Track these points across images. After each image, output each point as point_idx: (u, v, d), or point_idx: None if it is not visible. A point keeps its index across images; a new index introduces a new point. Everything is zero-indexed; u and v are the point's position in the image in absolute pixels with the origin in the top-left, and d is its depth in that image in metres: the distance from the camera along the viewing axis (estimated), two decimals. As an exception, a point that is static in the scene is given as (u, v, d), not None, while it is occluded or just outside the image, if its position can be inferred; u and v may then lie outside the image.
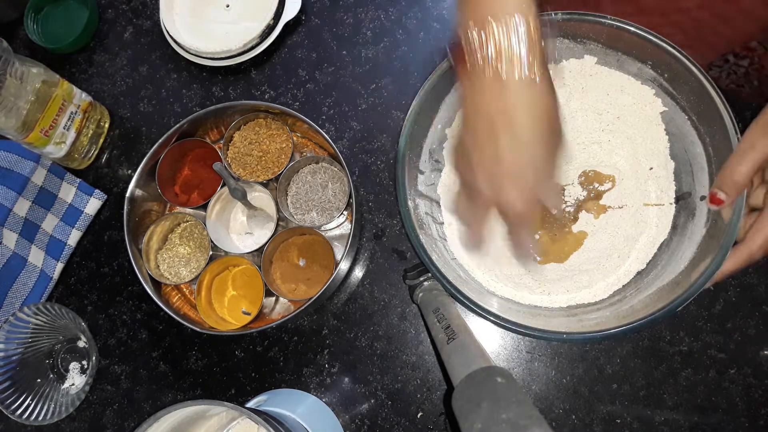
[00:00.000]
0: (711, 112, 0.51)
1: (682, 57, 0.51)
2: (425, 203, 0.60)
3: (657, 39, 0.52)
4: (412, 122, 0.56)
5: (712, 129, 0.52)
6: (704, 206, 0.53)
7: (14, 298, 0.79)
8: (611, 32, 0.54)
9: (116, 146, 0.84)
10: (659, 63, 0.54)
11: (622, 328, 0.49)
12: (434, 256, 0.54)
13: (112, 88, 0.85)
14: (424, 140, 0.60)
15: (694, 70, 0.51)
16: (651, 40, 0.52)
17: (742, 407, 0.65)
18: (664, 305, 0.49)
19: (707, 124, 0.52)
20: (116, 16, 0.88)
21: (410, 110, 0.56)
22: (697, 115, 0.54)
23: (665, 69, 0.54)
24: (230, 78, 0.82)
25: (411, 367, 0.70)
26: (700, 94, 0.52)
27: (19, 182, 0.79)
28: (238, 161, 0.75)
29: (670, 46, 0.52)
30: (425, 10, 0.80)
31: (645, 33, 0.52)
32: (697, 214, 0.54)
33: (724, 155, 0.49)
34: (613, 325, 0.50)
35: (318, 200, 0.74)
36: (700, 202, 0.54)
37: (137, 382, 0.75)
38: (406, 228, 0.54)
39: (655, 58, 0.54)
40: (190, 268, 0.74)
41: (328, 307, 0.73)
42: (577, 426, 0.66)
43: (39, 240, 0.80)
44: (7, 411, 0.70)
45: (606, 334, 0.49)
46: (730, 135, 0.49)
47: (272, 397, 0.69)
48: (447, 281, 0.52)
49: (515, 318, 0.51)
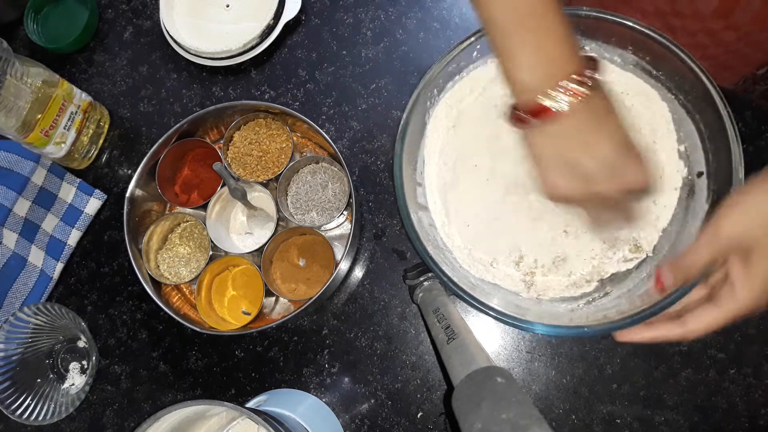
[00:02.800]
0: (697, 89, 0.52)
1: (660, 38, 0.52)
2: (427, 214, 0.60)
3: (635, 24, 0.53)
4: (400, 149, 0.56)
5: (701, 105, 0.52)
6: (703, 183, 0.53)
7: (14, 298, 0.79)
8: (589, 23, 0.55)
9: (116, 146, 0.84)
10: (640, 47, 0.55)
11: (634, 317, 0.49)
12: (446, 267, 0.54)
13: (112, 88, 0.85)
14: (418, 153, 0.61)
15: (674, 49, 0.52)
16: (629, 25, 0.53)
17: (742, 407, 0.65)
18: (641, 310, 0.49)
19: (695, 102, 0.53)
20: (116, 16, 0.88)
21: (398, 135, 0.56)
22: (684, 94, 0.55)
23: (646, 52, 0.56)
24: (230, 78, 0.82)
25: (411, 367, 0.70)
26: (683, 73, 0.53)
27: (19, 182, 0.79)
28: (238, 161, 0.75)
29: (648, 29, 0.53)
30: (425, 10, 0.80)
31: (623, 20, 0.53)
32: (697, 191, 0.54)
33: (715, 130, 0.50)
34: (622, 315, 0.50)
35: (318, 200, 0.74)
36: (698, 179, 0.54)
37: (137, 382, 0.75)
38: (412, 240, 0.54)
39: (636, 44, 0.56)
40: (190, 268, 0.74)
41: (328, 307, 0.73)
42: (577, 426, 0.66)
43: (39, 240, 0.80)
44: (7, 411, 0.70)
45: (617, 325, 0.49)
46: (720, 111, 0.50)
47: (272, 397, 0.69)
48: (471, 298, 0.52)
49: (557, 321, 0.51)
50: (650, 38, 0.53)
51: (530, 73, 0.42)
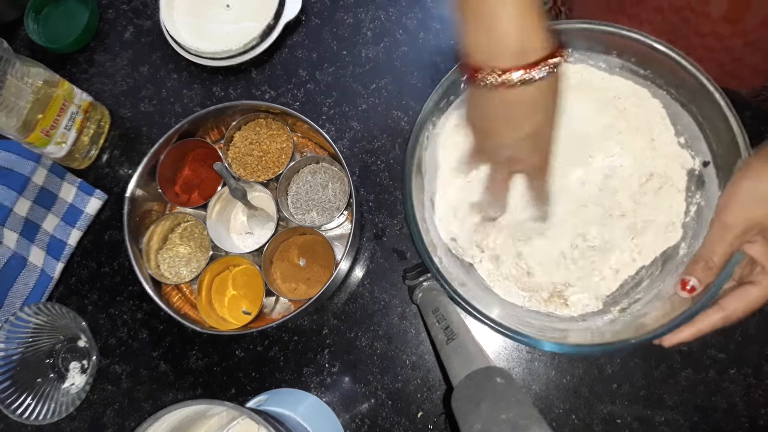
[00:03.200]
0: (688, 82, 0.52)
1: (644, 38, 0.53)
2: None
3: (618, 29, 0.53)
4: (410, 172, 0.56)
5: (694, 97, 0.53)
6: (711, 172, 0.53)
7: (15, 297, 0.79)
8: (575, 33, 0.56)
9: (117, 146, 0.84)
10: (624, 50, 0.56)
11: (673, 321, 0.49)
12: (458, 287, 0.54)
13: (113, 88, 0.85)
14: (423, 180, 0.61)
15: (661, 48, 0.52)
16: (613, 32, 0.54)
17: (742, 407, 0.65)
18: (681, 312, 0.48)
19: (688, 94, 0.54)
20: (117, 16, 0.88)
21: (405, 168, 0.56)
22: (675, 88, 0.55)
23: (631, 54, 0.56)
24: (231, 78, 0.83)
25: (411, 366, 0.70)
26: (672, 68, 0.53)
27: (20, 182, 0.80)
28: (238, 161, 0.75)
29: (632, 32, 0.53)
30: (425, 10, 0.80)
31: (608, 27, 0.54)
32: (707, 181, 0.54)
33: (713, 119, 0.50)
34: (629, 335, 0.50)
35: (318, 200, 0.74)
36: (704, 168, 0.54)
37: (137, 382, 0.75)
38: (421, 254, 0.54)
39: (620, 48, 0.56)
40: (191, 268, 0.74)
41: (329, 306, 0.73)
42: (577, 426, 0.67)
43: (39, 240, 0.80)
44: (8, 410, 0.70)
45: (622, 346, 0.49)
46: (716, 98, 0.50)
47: (272, 396, 0.69)
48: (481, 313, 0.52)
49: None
50: (634, 41, 0.53)
51: (505, 40, 0.40)
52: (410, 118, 0.77)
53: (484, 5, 0.39)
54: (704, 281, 0.47)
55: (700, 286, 0.47)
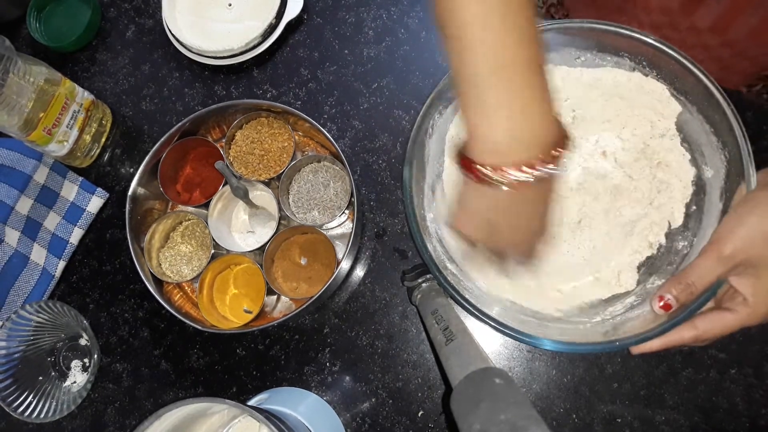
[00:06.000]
0: (697, 90, 0.52)
1: (655, 42, 0.53)
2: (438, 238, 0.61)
3: (629, 31, 0.53)
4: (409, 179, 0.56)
5: (702, 105, 0.53)
6: (714, 181, 0.53)
7: (16, 295, 0.79)
8: (584, 33, 0.56)
9: (118, 145, 0.84)
10: (635, 54, 0.56)
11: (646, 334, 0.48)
12: (465, 293, 0.54)
13: (115, 86, 0.85)
14: (423, 181, 0.60)
15: (671, 53, 0.52)
16: (624, 34, 0.54)
17: (743, 407, 0.65)
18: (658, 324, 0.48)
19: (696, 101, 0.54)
20: (118, 14, 0.88)
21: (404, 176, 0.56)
22: (684, 95, 0.55)
23: (642, 57, 0.56)
24: (232, 77, 0.83)
25: (412, 365, 0.70)
26: (681, 75, 0.53)
27: (22, 180, 0.80)
28: (240, 160, 0.75)
29: (646, 36, 0.53)
30: (427, 9, 0.80)
31: (617, 28, 0.54)
32: (708, 190, 0.54)
33: (720, 128, 0.51)
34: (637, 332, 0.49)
35: (319, 199, 0.74)
36: (707, 176, 0.54)
37: (139, 380, 0.75)
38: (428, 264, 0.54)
39: (632, 51, 0.56)
40: (192, 267, 0.75)
41: (330, 305, 0.73)
42: (577, 425, 0.67)
43: (41, 238, 0.80)
44: (9, 408, 0.71)
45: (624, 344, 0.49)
46: (723, 108, 0.50)
47: (273, 395, 0.69)
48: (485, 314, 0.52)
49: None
50: (647, 44, 0.53)
51: (504, 136, 0.38)
52: (411, 118, 0.77)
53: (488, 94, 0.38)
54: (681, 301, 0.47)
55: (675, 305, 0.47)
